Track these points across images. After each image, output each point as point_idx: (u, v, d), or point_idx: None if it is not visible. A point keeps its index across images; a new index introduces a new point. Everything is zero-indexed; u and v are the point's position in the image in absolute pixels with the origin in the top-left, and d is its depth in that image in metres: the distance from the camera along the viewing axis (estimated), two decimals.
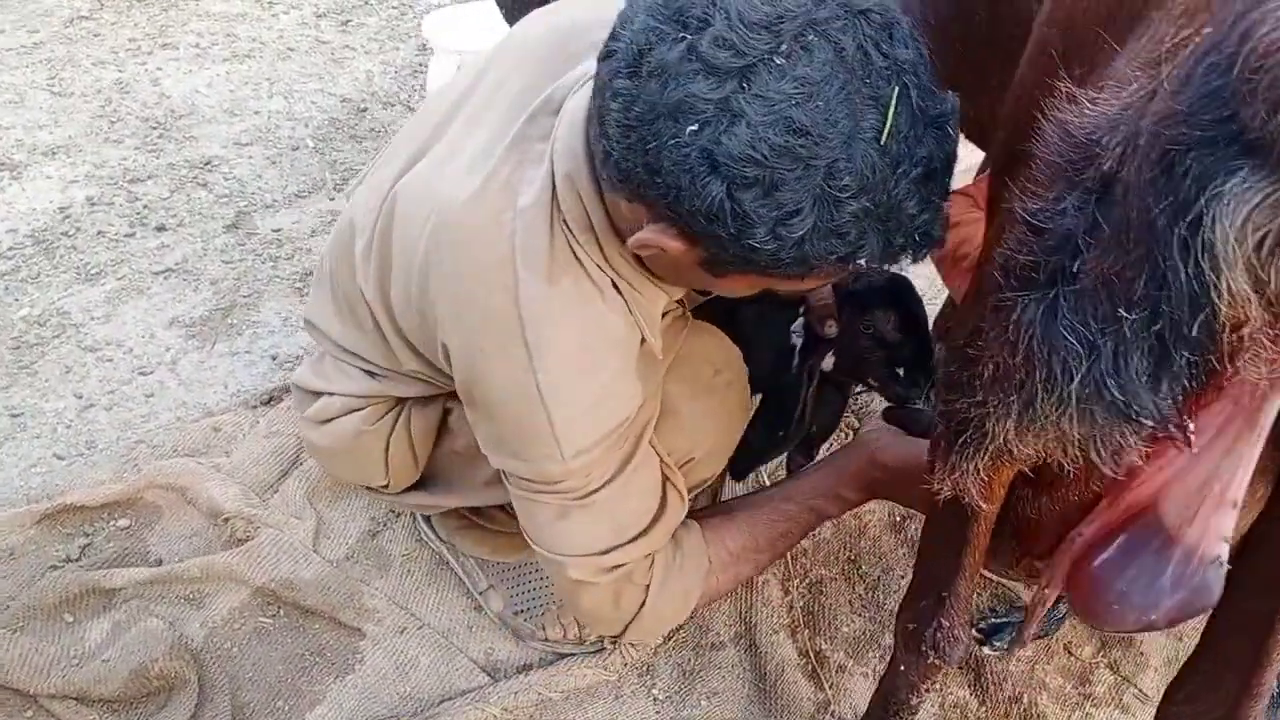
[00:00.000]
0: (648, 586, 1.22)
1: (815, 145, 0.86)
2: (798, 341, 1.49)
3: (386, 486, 1.45)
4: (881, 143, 0.88)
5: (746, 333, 1.46)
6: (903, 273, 1.49)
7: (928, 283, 1.85)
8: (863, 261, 0.95)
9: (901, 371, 1.46)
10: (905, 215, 0.92)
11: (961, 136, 1.00)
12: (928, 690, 1.23)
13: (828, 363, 1.50)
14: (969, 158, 1.22)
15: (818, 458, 1.64)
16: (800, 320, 1.50)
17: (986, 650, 1.66)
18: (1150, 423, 0.80)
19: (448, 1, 3.07)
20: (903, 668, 1.21)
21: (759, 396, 1.53)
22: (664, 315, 1.18)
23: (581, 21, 1.18)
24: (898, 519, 1.87)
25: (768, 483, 1.77)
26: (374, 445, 1.38)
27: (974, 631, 1.64)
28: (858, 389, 1.81)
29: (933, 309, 1.83)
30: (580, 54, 1.13)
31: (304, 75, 2.78)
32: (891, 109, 0.89)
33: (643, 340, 1.13)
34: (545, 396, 1.06)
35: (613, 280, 1.08)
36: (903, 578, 1.79)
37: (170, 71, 2.72)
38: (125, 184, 2.35)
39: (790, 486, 1.39)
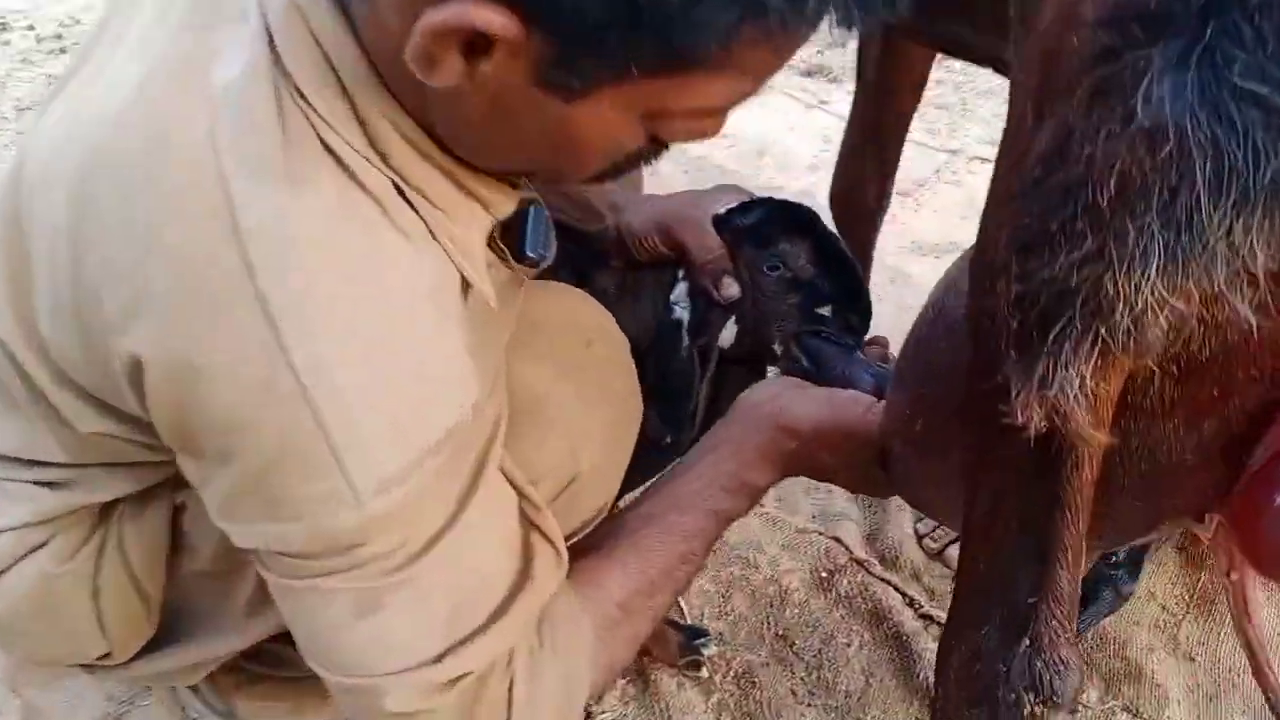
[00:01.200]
0: (510, 694, 0.78)
1: None
2: (683, 315, 1.12)
3: (109, 656, 0.92)
4: None
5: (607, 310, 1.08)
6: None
7: None
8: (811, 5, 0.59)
9: (828, 311, 1.11)
10: None
11: None
12: None
13: (727, 335, 1.13)
14: None
15: None
16: (682, 286, 1.13)
17: None
18: None
19: None
20: None
21: None
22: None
23: None
24: (824, 575, 1.50)
25: None
26: (75, 595, 0.87)
27: None
28: None
29: None
30: None
31: None
32: None
33: (464, 287, 0.72)
34: (310, 388, 0.64)
35: (395, 183, 0.68)
36: (848, 645, 1.41)
37: None
38: None
39: (677, 491, 0.98)
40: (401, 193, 0.69)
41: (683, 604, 1.42)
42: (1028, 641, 0.73)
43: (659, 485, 1.00)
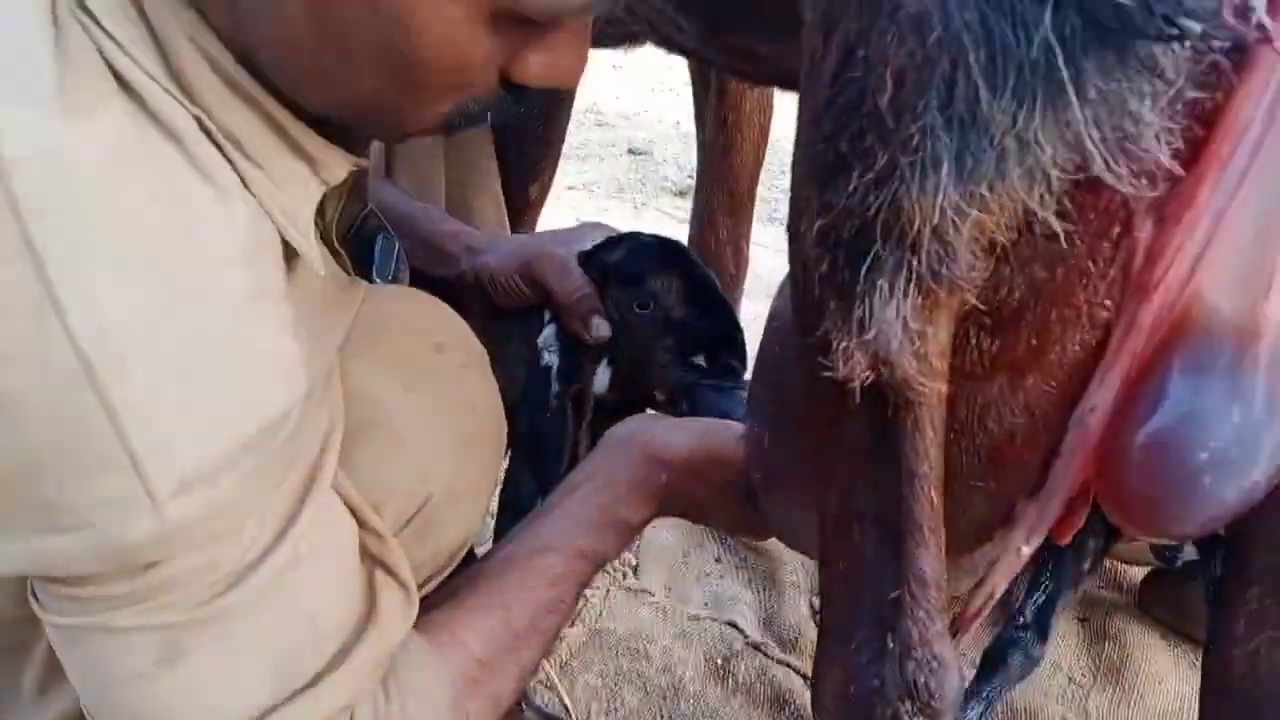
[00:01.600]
0: None
1: None
2: (552, 361, 1.05)
3: None
4: None
5: None
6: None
7: None
8: None
9: (703, 360, 1.05)
10: None
11: None
12: None
13: (601, 381, 1.06)
14: None
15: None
16: (550, 329, 1.06)
17: None
18: (1198, 25, 0.46)
19: None
20: None
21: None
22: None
23: None
24: (719, 662, 1.39)
25: None
26: None
27: None
28: None
29: None
30: None
31: None
32: None
33: (287, 256, 0.62)
34: (92, 359, 0.52)
35: (201, 122, 0.57)
36: None
37: None
38: None
39: (541, 531, 0.88)
40: (209, 135, 0.58)
41: (568, 701, 1.29)
42: (903, 645, 0.65)
43: (521, 526, 0.90)
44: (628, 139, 3.30)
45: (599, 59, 0.80)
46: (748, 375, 1.15)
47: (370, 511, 0.72)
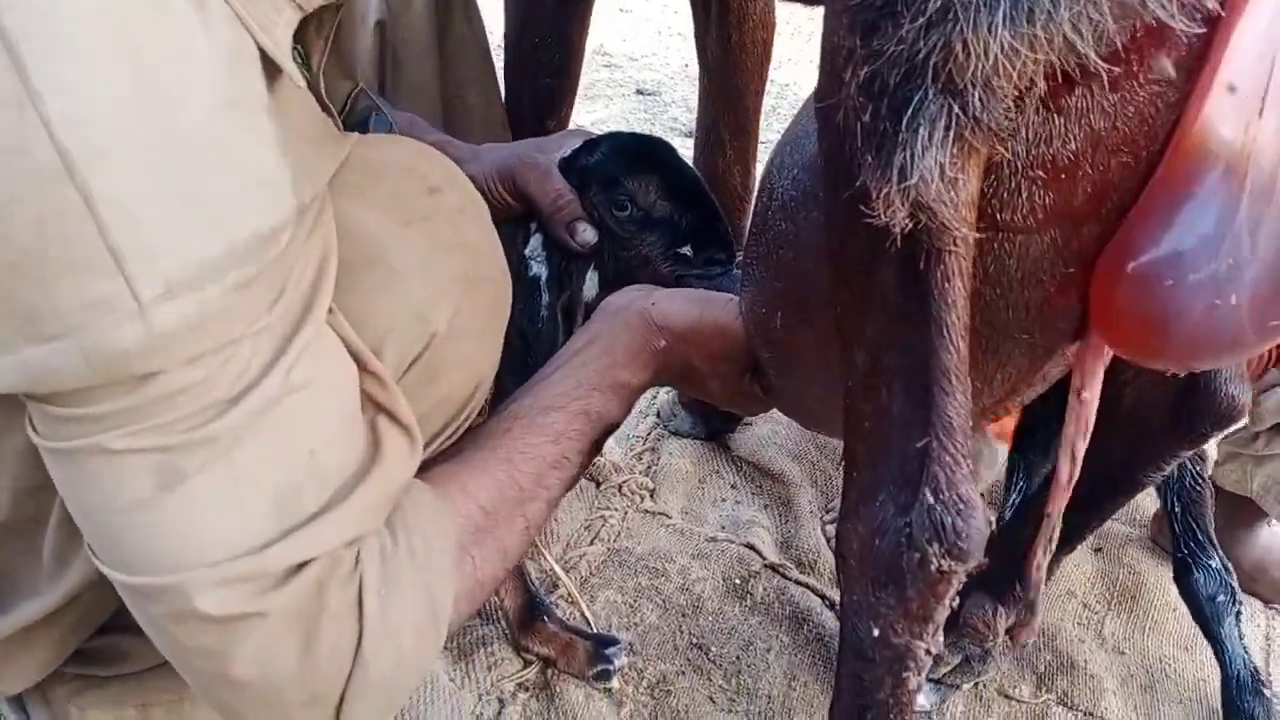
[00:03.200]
0: (361, 604, 0.66)
1: None
2: (541, 271, 1.05)
3: None
4: None
5: None
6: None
7: None
8: None
9: (689, 250, 1.06)
10: None
11: None
12: (928, 653, 0.74)
13: (590, 287, 1.06)
14: None
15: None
16: (536, 239, 1.06)
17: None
18: None
19: None
20: (876, 633, 0.74)
21: None
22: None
23: None
24: (737, 581, 1.42)
25: None
26: None
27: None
28: None
29: None
30: None
31: None
32: None
33: (265, 68, 0.59)
34: (72, 151, 0.51)
35: None
36: (767, 650, 1.32)
37: None
38: None
39: (543, 391, 0.89)
40: None
41: (589, 615, 1.32)
42: (931, 489, 0.67)
43: (524, 388, 0.91)
44: (636, 80, 3.30)
45: (607, 3, 0.82)
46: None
47: (370, 355, 0.69)
